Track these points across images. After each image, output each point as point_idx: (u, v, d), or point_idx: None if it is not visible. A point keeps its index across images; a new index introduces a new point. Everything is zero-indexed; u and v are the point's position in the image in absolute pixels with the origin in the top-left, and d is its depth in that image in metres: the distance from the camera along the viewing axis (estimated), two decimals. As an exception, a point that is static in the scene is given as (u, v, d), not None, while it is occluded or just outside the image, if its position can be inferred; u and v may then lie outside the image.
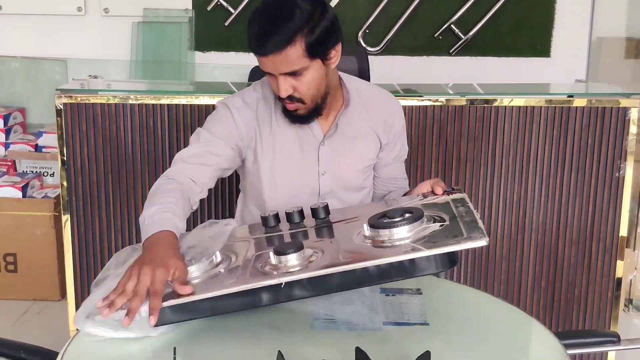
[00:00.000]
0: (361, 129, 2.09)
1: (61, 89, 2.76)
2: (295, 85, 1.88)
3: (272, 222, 1.77)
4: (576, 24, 4.06)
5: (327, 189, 2.08)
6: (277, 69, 1.85)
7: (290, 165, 2.05)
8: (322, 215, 1.76)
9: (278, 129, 2.03)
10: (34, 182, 3.73)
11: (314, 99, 1.93)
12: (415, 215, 1.56)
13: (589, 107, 2.77)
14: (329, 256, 1.52)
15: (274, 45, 1.80)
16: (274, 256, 1.52)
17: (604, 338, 1.97)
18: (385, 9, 3.98)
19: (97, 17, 4.07)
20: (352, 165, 2.10)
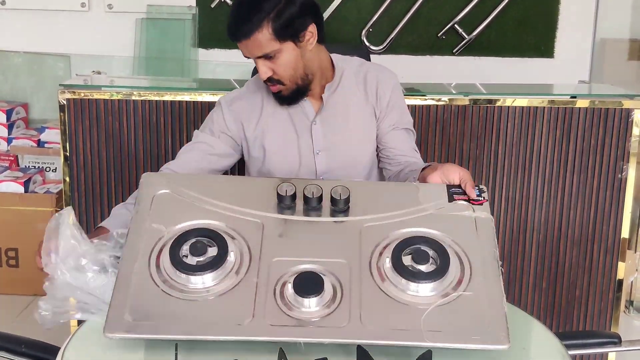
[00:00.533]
0: (355, 104, 2.11)
1: (64, 85, 2.77)
2: (272, 68, 1.97)
3: (287, 201, 1.67)
4: (580, 25, 4.06)
5: (323, 168, 2.10)
6: (251, 53, 1.96)
7: (284, 146, 2.10)
8: (341, 206, 1.66)
9: (269, 112, 2.11)
10: (36, 177, 3.73)
11: (292, 79, 2.00)
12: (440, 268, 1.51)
13: (592, 108, 2.77)
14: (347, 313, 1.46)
15: (242, 32, 1.93)
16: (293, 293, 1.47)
17: (605, 339, 1.96)
18: (389, 8, 3.98)
19: (101, 13, 4.07)
20: (347, 141, 2.11)
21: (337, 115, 2.11)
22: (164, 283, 1.51)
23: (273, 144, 2.10)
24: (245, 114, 2.12)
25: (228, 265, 1.54)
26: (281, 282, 1.50)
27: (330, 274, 1.53)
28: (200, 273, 1.51)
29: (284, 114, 2.10)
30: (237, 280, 1.52)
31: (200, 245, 1.55)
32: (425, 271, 1.51)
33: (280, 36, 1.93)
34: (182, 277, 1.51)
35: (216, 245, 1.56)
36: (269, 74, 1.97)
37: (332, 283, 1.51)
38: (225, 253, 1.54)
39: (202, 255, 1.54)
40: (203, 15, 4.05)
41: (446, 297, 1.49)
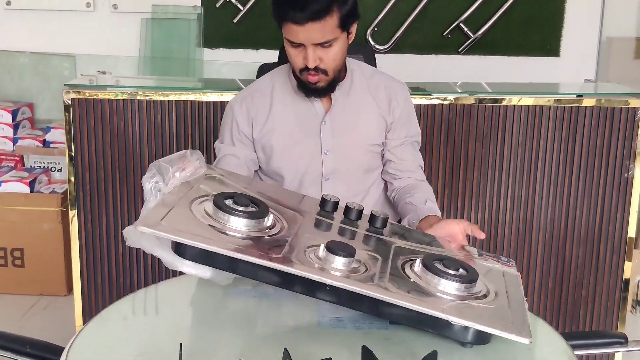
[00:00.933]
0: (364, 108, 2.10)
1: (69, 85, 2.77)
2: (322, 57, 1.93)
3: (328, 207, 1.75)
4: (586, 24, 4.05)
5: (330, 169, 2.09)
6: (310, 38, 1.88)
7: (292, 146, 2.09)
8: (378, 225, 1.74)
9: (277, 111, 2.09)
10: (41, 177, 3.73)
11: (335, 70, 1.99)
12: (469, 277, 1.53)
13: (598, 107, 2.76)
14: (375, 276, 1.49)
15: (314, 14, 1.84)
16: (324, 250, 1.50)
17: (611, 339, 1.96)
18: (394, 7, 3.97)
19: (106, 13, 4.07)
20: (355, 144, 2.10)
21: (347, 117, 2.09)
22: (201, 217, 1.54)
23: (280, 143, 2.09)
24: (254, 111, 2.10)
25: (265, 222, 1.58)
26: (313, 248, 1.53)
27: (362, 254, 1.56)
28: (238, 215, 1.54)
29: (291, 114, 2.09)
30: (269, 233, 1.56)
31: (244, 199, 1.59)
32: (455, 273, 1.53)
33: (343, 25, 1.91)
34: (219, 214, 1.54)
35: (258, 207, 1.60)
36: (317, 62, 1.93)
37: (362, 259, 1.54)
38: (265, 213, 1.59)
39: (244, 206, 1.57)
40: (208, 15, 4.05)
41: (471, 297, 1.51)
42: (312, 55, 1.91)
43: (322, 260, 1.49)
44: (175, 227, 1.47)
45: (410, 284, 1.51)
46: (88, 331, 1.55)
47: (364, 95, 2.11)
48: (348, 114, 2.09)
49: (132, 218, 2.82)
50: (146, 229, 1.44)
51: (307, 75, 1.96)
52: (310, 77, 1.97)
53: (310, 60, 1.92)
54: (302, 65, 1.95)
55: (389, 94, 2.12)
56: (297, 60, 1.95)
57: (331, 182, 2.10)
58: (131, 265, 2.88)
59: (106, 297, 2.89)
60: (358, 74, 2.12)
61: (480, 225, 2.84)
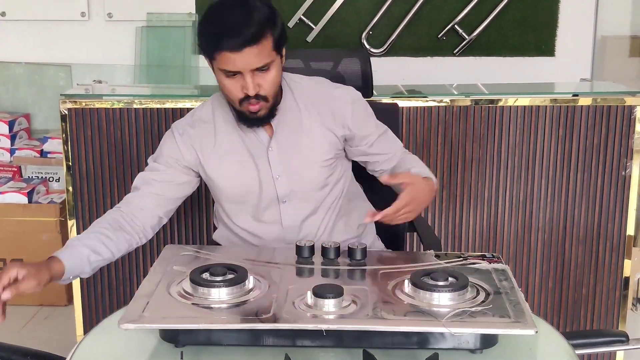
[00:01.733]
0: (308, 126, 2.02)
1: (66, 95, 2.77)
2: (260, 83, 1.85)
3: (305, 253, 1.76)
4: (580, 23, 4.05)
5: (285, 192, 2.02)
6: (248, 64, 1.81)
7: (242, 173, 2.01)
8: (358, 257, 1.75)
9: (223, 139, 2.01)
10: (39, 187, 3.73)
11: (274, 95, 1.92)
12: (460, 283, 1.54)
13: (594, 106, 2.76)
14: (368, 309, 1.49)
15: (249, 38, 1.78)
16: (312, 297, 1.49)
17: (612, 338, 1.95)
18: (389, 10, 3.98)
19: (101, 22, 4.07)
20: (305, 164, 2.03)
21: (292, 139, 2.01)
22: (182, 297, 1.55)
23: (231, 170, 2.01)
24: (199, 141, 2.01)
25: (246, 285, 1.58)
26: (300, 297, 1.52)
27: (350, 289, 1.56)
28: (218, 286, 1.54)
29: (238, 141, 2.01)
30: (253, 295, 1.56)
31: (220, 268, 1.60)
32: (445, 284, 1.53)
33: (277, 47, 1.85)
34: (198, 290, 1.55)
35: (236, 272, 1.60)
36: (257, 89, 1.85)
37: (352, 295, 1.53)
38: (244, 276, 1.59)
39: (222, 275, 1.58)
40: (203, 22, 4.04)
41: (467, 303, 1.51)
42: (251, 82, 1.83)
43: (313, 307, 1.48)
44: (159, 316, 1.47)
45: (405, 307, 1.50)
46: (89, 341, 1.55)
47: (305, 113, 2.02)
48: (292, 135, 2.01)
49: (130, 226, 2.82)
50: (130, 325, 1.43)
51: (248, 105, 1.88)
52: (251, 107, 1.88)
53: (250, 88, 1.83)
54: (241, 95, 1.86)
55: (331, 107, 2.03)
56: (235, 90, 1.86)
57: (288, 204, 2.03)
58: (131, 275, 2.88)
59: (106, 306, 2.88)
60: (296, 91, 2.03)
61: (478, 226, 2.84)
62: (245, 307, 1.51)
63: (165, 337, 1.49)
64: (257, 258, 1.79)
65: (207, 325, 1.46)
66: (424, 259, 1.82)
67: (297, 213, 2.04)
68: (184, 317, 1.47)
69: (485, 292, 1.56)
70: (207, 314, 1.49)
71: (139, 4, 4.04)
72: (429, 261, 1.79)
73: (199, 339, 1.48)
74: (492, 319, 1.44)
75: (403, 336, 1.45)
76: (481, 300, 1.52)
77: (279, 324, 1.43)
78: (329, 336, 1.44)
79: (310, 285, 1.53)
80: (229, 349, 1.47)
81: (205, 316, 1.48)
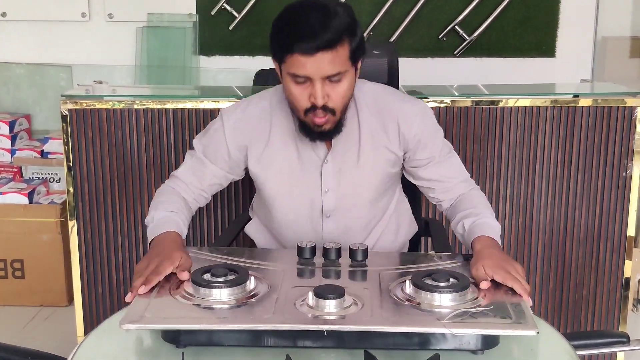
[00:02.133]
0: (370, 144, 1.93)
1: (66, 95, 2.77)
2: (330, 94, 1.75)
3: (306, 254, 1.76)
4: (581, 24, 4.05)
5: (331, 207, 1.96)
6: (320, 71, 1.71)
7: (290, 185, 1.96)
8: (359, 258, 1.74)
9: (276, 144, 1.93)
10: (40, 188, 3.73)
11: (342, 110, 1.81)
12: (461, 284, 1.54)
13: (595, 107, 2.76)
14: (370, 310, 1.48)
15: (325, 42, 1.68)
16: (314, 297, 1.48)
17: (613, 338, 1.95)
18: (389, 11, 3.98)
19: (102, 22, 4.08)
20: (359, 182, 1.95)
21: (350, 155, 1.93)
22: (184, 298, 1.54)
23: (277, 180, 1.95)
24: (249, 139, 1.93)
25: (247, 286, 1.57)
26: (301, 298, 1.52)
27: (351, 290, 1.55)
28: (219, 287, 1.54)
29: (291, 152, 1.93)
30: (255, 296, 1.55)
31: (221, 269, 1.59)
32: (446, 284, 1.53)
33: (353, 58, 1.75)
34: (200, 291, 1.54)
35: (237, 273, 1.60)
36: (325, 99, 1.75)
37: (353, 296, 1.53)
38: (245, 277, 1.58)
39: (223, 276, 1.57)
40: (204, 23, 4.05)
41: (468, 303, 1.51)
42: (321, 90, 1.73)
43: (314, 307, 1.48)
44: (161, 316, 1.47)
45: (406, 307, 1.51)
46: (90, 342, 1.55)
47: (366, 126, 1.92)
48: (350, 151, 1.92)
49: (131, 227, 2.82)
50: (131, 325, 1.43)
51: (313, 116, 1.77)
52: (316, 119, 1.78)
53: (318, 97, 1.73)
54: (307, 105, 1.76)
55: (396, 122, 1.92)
56: (302, 99, 1.76)
57: (332, 219, 1.97)
58: (131, 275, 2.86)
59: (107, 306, 2.88)
60: (359, 100, 1.92)
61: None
62: (246, 308, 1.50)
63: (167, 338, 1.49)
64: (259, 259, 1.79)
65: (209, 325, 1.46)
66: (425, 259, 1.82)
67: (339, 227, 1.99)
68: (185, 318, 1.47)
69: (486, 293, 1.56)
70: (208, 314, 1.49)
71: (140, 5, 4.05)
72: (430, 262, 1.79)
73: (200, 340, 1.47)
74: (493, 320, 1.45)
75: (404, 337, 1.45)
76: (482, 301, 1.52)
77: (280, 325, 1.43)
78: (330, 337, 1.44)
79: (312, 285, 1.53)
80: (230, 349, 1.47)
81: (207, 317, 1.49)
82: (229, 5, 4.00)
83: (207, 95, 3.09)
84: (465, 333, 1.43)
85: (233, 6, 4.00)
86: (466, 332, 1.43)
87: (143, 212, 2.81)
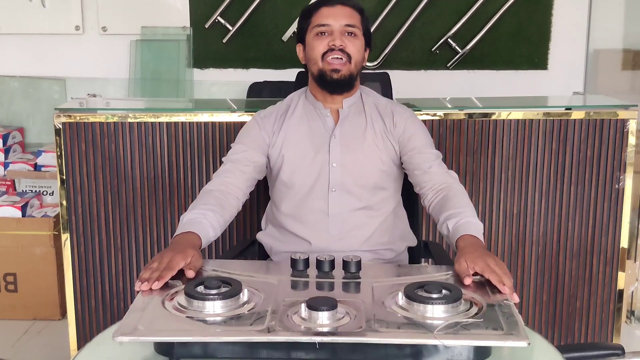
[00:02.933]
0: (372, 126, 2.18)
1: (60, 108, 2.77)
2: (346, 43, 2.10)
3: (300, 266, 1.77)
4: (573, 37, 4.07)
5: (337, 181, 2.15)
6: (340, 17, 2.10)
7: (302, 159, 2.16)
8: (352, 270, 1.75)
9: (292, 124, 2.19)
10: (33, 201, 3.72)
11: (356, 64, 2.13)
12: (453, 296, 1.55)
13: (587, 120, 2.77)
14: (362, 321, 1.49)
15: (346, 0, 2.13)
16: (306, 309, 1.49)
17: (608, 351, 1.95)
18: (382, 24, 3.99)
19: (95, 35, 4.08)
20: (362, 160, 2.16)
21: (355, 132, 2.17)
22: (177, 310, 1.55)
23: (291, 155, 2.17)
24: (271, 126, 2.21)
25: (241, 298, 1.58)
26: (294, 310, 1.52)
27: (344, 302, 1.56)
28: (212, 299, 1.54)
29: (303, 127, 2.19)
30: (248, 308, 1.55)
31: (215, 281, 1.60)
32: (438, 296, 1.54)
33: (364, 31, 2.15)
34: (193, 303, 1.55)
35: (230, 285, 1.60)
36: (343, 45, 2.09)
37: (346, 308, 1.54)
38: (239, 289, 1.59)
39: (216, 288, 1.58)
40: (197, 36, 4.06)
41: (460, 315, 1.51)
42: (339, 37, 2.09)
43: (307, 319, 1.48)
44: (154, 328, 1.46)
45: (399, 319, 1.51)
46: (83, 356, 1.54)
47: (372, 113, 2.20)
48: (356, 129, 2.17)
49: (125, 240, 2.82)
50: (124, 338, 1.42)
51: (332, 59, 2.10)
52: (334, 62, 2.10)
53: (337, 39, 2.08)
54: (326, 47, 2.09)
55: (393, 115, 2.21)
56: (321, 45, 2.10)
57: (337, 193, 2.15)
58: (125, 288, 2.87)
59: (100, 320, 2.88)
60: (365, 97, 2.23)
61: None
62: (239, 320, 1.50)
63: (160, 350, 1.48)
64: (252, 271, 1.79)
65: (202, 337, 1.45)
66: (418, 271, 1.82)
67: (343, 204, 2.15)
68: (178, 330, 1.47)
69: (479, 305, 1.56)
70: (201, 326, 1.49)
71: (134, 18, 4.05)
72: (422, 274, 1.79)
73: (194, 352, 1.47)
74: (484, 331, 1.45)
75: (397, 348, 1.45)
76: (474, 313, 1.52)
77: (273, 337, 1.43)
78: (323, 349, 1.44)
79: (305, 298, 1.53)
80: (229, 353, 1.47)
81: (200, 329, 1.48)
82: (223, 18, 4.01)
83: (201, 108, 3.09)
84: (457, 344, 1.43)
85: (227, 19, 4.01)
86: (458, 344, 1.43)
87: (137, 225, 2.80)
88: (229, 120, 2.75)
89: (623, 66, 4.07)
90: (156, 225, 2.81)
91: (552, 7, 4.03)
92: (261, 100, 3.23)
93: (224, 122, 2.75)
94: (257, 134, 2.20)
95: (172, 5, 4.04)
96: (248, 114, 2.77)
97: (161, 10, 4.04)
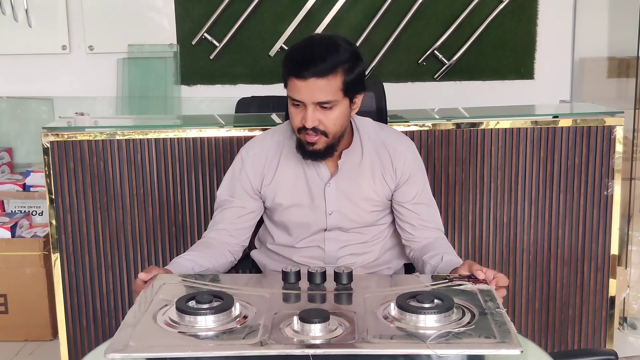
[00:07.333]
0: (370, 173, 2.11)
1: (48, 127, 2.76)
2: (321, 119, 1.94)
3: (292, 279, 1.76)
4: (558, 46, 4.10)
5: (333, 225, 2.13)
6: (312, 96, 1.91)
7: (298, 205, 2.11)
8: (344, 281, 1.75)
9: (286, 168, 2.11)
10: (22, 221, 3.70)
11: (335, 135, 1.99)
12: (445, 305, 1.55)
13: (575, 127, 2.79)
14: (355, 333, 1.49)
15: (318, 70, 1.88)
16: (299, 322, 1.49)
17: (602, 356, 1.95)
18: (369, 36, 4.01)
19: (82, 54, 4.08)
20: (358, 205, 2.11)
21: (352, 182, 2.10)
22: (169, 326, 1.54)
23: (285, 201, 2.11)
24: (265, 169, 2.12)
25: (233, 312, 1.58)
26: (287, 323, 1.52)
27: (336, 313, 1.56)
28: (204, 313, 1.54)
29: (299, 172, 2.11)
30: (240, 322, 1.55)
31: (206, 296, 1.60)
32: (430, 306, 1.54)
33: (346, 91, 1.93)
34: (185, 319, 1.54)
35: (222, 299, 1.60)
36: (315, 123, 1.94)
37: (338, 319, 1.54)
38: (231, 303, 1.59)
39: (208, 303, 1.58)
40: (184, 53, 4.06)
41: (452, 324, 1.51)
42: (311, 115, 1.92)
43: (300, 332, 1.48)
44: (145, 344, 1.46)
45: (392, 330, 1.51)
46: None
47: (367, 157, 2.11)
48: (353, 179, 2.10)
49: (115, 258, 2.81)
50: (116, 355, 1.42)
51: (305, 135, 1.97)
52: (307, 137, 1.97)
53: (307, 120, 1.92)
54: (300, 124, 1.95)
55: (392, 161, 2.12)
56: (296, 119, 1.96)
57: (334, 232, 2.14)
58: (116, 306, 2.85)
59: (92, 339, 2.86)
60: (363, 134, 2.12)
61: (463, 249, 2.85)
62: (231, 334, 1.50)
63: None
64: (243, 284, 1.79)
65: (194, 353, 1.44)
66: (410, 281, 1.83)
67: (340, 240, 2.14)
68: (170, 346, 1.46)
69: (471, 313, 1.56)
70: (193, 341, 1.48)
71: (120, 36, 4.05)
72: (414, 283, 1.79)
73: None
74: (477, 340, 1.45)
75: (390, 359, 1.45)
76: (467, 322, 1.52)
77: (265, 350, 1.43)
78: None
79: (297, 310, 1.53)
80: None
81: (192, 344, 1.47)
82: (210, 34, 4.02)
83: (190, 124, 3.09)
84: (450, 353, 1.43)
85: (213, 36, 4.02)
86: (451, 353, 1.43)
87: (127, 242, 2.79)
88: (217, 135, 2.75)
89: (609, 74, 4.09)
90: (146, 242, 2.80)
91: (537, 16, 4.06)
92: (249, 115, 3.24)
93: (212, 138, 2.75)
94: (245, 178, 2.13)
95: (158, 22, 4.05)
96: (236, 129, 2.77)
97: (147, 27, 4.05)
